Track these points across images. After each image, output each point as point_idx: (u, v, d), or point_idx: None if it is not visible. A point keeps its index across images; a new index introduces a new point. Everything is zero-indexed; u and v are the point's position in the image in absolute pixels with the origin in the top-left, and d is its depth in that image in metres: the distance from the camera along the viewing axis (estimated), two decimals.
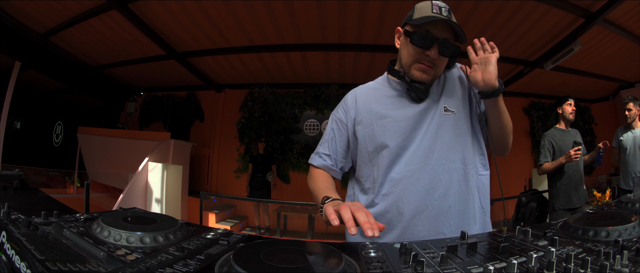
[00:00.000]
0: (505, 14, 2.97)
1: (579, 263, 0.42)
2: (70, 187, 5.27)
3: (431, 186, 0.79)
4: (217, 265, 0.40)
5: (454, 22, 0.77)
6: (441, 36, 0.77)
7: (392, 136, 0.82)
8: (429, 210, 0.78)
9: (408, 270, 0.42)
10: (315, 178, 0.90)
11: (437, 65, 0.80)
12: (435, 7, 0.77)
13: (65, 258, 0.42)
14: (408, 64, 0.82)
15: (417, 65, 0.80)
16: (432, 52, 0.77)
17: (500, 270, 0.41)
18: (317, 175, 0.91)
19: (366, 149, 0.85)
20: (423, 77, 0.80)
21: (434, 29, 0.77)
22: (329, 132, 0.93)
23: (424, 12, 0.78)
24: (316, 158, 0.93)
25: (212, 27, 3.42)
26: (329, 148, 0.91)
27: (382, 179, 0.82)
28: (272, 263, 0.38)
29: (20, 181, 0.90)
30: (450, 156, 0.81)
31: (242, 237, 0.55)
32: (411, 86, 0.82)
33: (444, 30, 0.77)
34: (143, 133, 5.17)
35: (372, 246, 0.52)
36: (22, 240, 0.46)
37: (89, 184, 2.79)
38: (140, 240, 0.49)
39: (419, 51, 0.79)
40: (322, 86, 4.86)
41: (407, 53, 0.81)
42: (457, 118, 0.83)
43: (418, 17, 0.78)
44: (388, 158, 0.81)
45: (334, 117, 0.93)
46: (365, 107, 0.87)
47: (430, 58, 0.78)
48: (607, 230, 0.54)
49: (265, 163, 4.24)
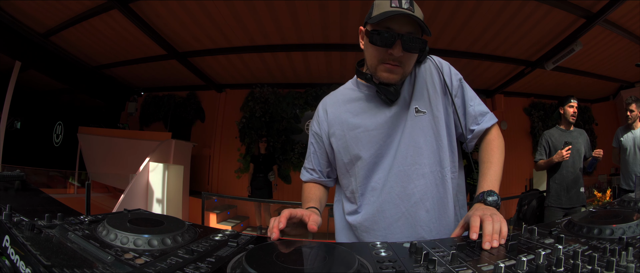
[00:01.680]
0: (507, 15, 2.97)
1: (586, 260, 0.43)
2: (71, 187, 5.26)
3: (406, 193, 0.77)
4: (229, 267, 0.40)
5: (416, 15, 0.70)
6: (404, 30, 0.71)
7: (365, 146, 0.80)
8: (406, 217, 0.77)
9: (420, 269, 0.42)
10: (304, 191, 0.92)
11: (404, 62, 0.74)
12: (394, 2, 0.70)
13: (71, 263, 0.41)
14: (373, 65, 0.76)
15: (383, 66, 0.75)
16: (396, 50, 0.71)
17: (510, 267, 0.42)
18: (305, 188, 0.93)
19: (342, 161, 0.84)
20: (391, 78, 0.75)
21: (395, 25, 0.71)
22: (309, 146, 0.94)
23: (382, 7, 0.71)
24: (304, 173, 0.95)
25: (213, 26, 3.41)
26: (312, 162, 0.92)
27: (362, 189, 0.81)
28: (285, 265, 0.38)
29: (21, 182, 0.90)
30: (425, 160, 0.78)
31: (251, 238, 0.55)
32: (380, 89, 0.78)
33: (406, 24, 0.71)
34: (144, 133, 5.16)
35: (381, 246, 0.52)
36: (27, 245, 0.45)
37: (90, 184, 2.79)
38: (148, 242, 0.49)
39: (382, 51, 0.73)
40: (323, 86, 4.85)
41: (371, 54, 0.76)
42: (429, 118, 0.79)
43: (376, 13, 0.71)
44: (364, 169, 0.80)
45: (311, 130, 0.93)
46: (335, 118, 0.84)
47: (394, 57, 0.72)
48: (612, 227, 0.55)
49: (266, 163, 4.23)
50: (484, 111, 0.83)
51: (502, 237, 0.55)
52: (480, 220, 0.59)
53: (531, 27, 3.17)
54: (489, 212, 0.61)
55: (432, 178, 0.78)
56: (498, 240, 0.54)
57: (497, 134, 0.83)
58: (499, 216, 0.60)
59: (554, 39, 3.41)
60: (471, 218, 0.60)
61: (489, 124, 0.82)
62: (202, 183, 5.10)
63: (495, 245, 0.53)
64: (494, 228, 0.56)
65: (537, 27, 3.16)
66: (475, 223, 0.59)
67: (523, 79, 4.36)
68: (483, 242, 0.53)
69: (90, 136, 5.09)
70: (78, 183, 5.20)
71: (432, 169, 0.78)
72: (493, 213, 0.61)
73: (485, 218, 0.58)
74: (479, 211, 0.62)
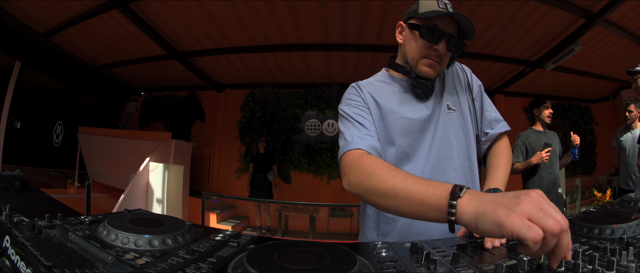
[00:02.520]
0: (507, 15, 2.97)
1: (586, 259, 0.43)
2: (71, 187, 5.26)
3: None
4: (230, 267, 0.40)
5: (462, 15, 0.74)
6: (448, 31, 0.75)
7: (402, 134, 0.79)
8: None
9: (421, 269, 0.42)
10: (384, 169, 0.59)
11: (443, 60, 0.79)
12: (441, 3, 0.75)
13: (72, 263, 0.41)
14: (415, 59, 0.79)
15: (425, 60, 0.78)
16: (441, 47, 0.75)
17: (512, 267, 0.42)
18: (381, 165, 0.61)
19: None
20: (430, 73, 0.79)
21: (442, 24, 0.75)
22: (355, 117, 0.76)
23: (430, 6, 0.76)
24: (359, 141, 0.70)
25: (214, 26, 3.41)
26: (368, 129, 0.74)
27: None
28: (286, 265, 0.38)
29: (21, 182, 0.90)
30: (457, 155, 0.81)
31: (252, 239, 0.55)
32: (417, 82, 0.80)
33: (450, 26, 0.76)
34: (144, 133, 5.16)
35: (382, 246, 0.52)
36: (27, 245, 0.45)
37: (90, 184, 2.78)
38: (148, 243, 0.49)
39: (427, 45, 0.77)
40: (323, 86, 4.85)
41: (414, 47, 0.79)
42: (459, 115, 0.84)
43: (425, 11, 0.76)
44: (396, 157, 0.80)
45: (353, 103, 0.80)
46: (371, 99, 0.82)
47: (438, 53, 0.76)
48: (612, 227, 0.56)
49: (265, 163, 4.23)
50: (499, 118, 0.90)
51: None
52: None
53: (531, 27, 3.17)
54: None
55: (462, 173, 0.81)
56: (499, 240, 0.54)
57: (507, 143, 0.90)
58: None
59: (554, 39, 3.41)
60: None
61: (502, 130, 0.88)
62: (202, 183, 5.10)
63: (496, 245, 0.53)
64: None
65: (537, 27, 3.16)
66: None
67: (523, 79, 4.36)
68: (485, 241, 0.53)
69: (90, 136, 5.09)
70: (78, 183, 5.20)
71: (462, 164, 0.81)
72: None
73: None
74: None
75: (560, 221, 0.36)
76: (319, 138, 4.95)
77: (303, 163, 4.84)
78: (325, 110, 4.92)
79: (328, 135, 4.94)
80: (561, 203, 2.41)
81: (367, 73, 0.92)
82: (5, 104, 4.01)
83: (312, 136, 4.97)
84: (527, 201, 0.38)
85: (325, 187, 4.85)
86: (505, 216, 0.38)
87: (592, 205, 3.91)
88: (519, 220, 0.37)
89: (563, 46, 3.41)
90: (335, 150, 4.82)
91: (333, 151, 4.82)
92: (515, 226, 0.37)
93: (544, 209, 0.37)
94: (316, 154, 4.84)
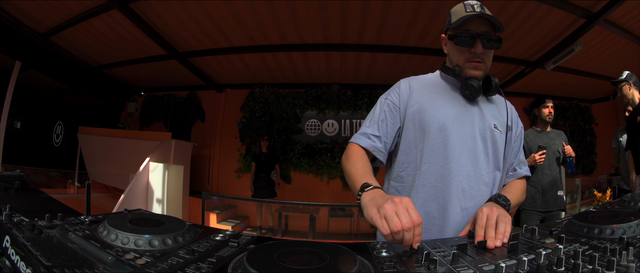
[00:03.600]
0: (507, 15, 2.97)
1: (586, 259, 0.43)
2: (71, 187, 5.25)
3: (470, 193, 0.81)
4: (230, 267, 0.40)
5: (489, 14, 0.82)
6: (481, 30, 0.82)
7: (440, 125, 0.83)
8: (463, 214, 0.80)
9: (421, 269, 0.42)
10: (355, 159, 0.82)
11: (485, 59, 0.85)
12: (468, 7, 0.83)
13: (72, 263, 0.41)
14: (460, 65, 0.87)
15: (469, 64, 0.85)
16: (478, 48, 0.82)
17: (512, 267, 0.42)
18: (356, 157, 0.83)
19: (414, 135, 0.86)
20: (476, 73, 0.86)
21: (473, 26, 0.82)
22: (378, 114, 0.89)
23: (459, 14, 0.84)
24: (363, 139, 0.87)
25: (214, 26, 3.41)
26: (379, 129, 0.88)
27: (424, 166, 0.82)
28: (286, 265, 0.38)
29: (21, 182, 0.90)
30: (491, 172, 0.84)
31: (252, 238, 0.55)
32: (466, 84, 0.86)
33: (482, 25, 0.83)
34: (144, 133, 5.16)
35: (382, 246, 0.52)
36: (27, 245, 0.45)
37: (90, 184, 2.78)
38: (148, 243, 0.49)
39: (465, 50, 0.84)
40: (323, 86, 4.85)
41: (456, 55, 0.87)
42: (502, 140, 0.87)
43: (456, 20, 0.84)
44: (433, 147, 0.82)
45: (387, 100, 0.91)
46: (418, 93, 0.89)
47: (477, 54, 0.83)
48: (612, 227, 0.56)
49: (268, 162, 4.22)
50: (525, 161, 0.97)
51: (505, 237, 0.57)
52: (487, 217, 0.61)
53: (531, 27, 3.17)
54: (498, 211, 0.63)
55: (487, 196, 0.82)
56: (501, 240, 0.55)
57: (526, 184, 0.96)
58: (507, 217, 0.62)
59: (554, 39, 3.41)
60: (479, 212, 0.64)
61: (527, 173, 0.95)
62: (202, 183, 5.10)
63: (498, 245, 0.54)
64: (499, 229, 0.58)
65: (537, 27, 3.16)
66: (481, 219, 0.62)
67: (523, 79, 4.36)
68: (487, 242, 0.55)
69: (90, 136, 5.09)
70: (78, 183, 5.20)
71: (489, 188, 0.84)
72: (502, 214, 0.63)
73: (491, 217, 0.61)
74: (488, 208, 0.65)
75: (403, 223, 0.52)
76: (319, 138, 4.94)
77: (303, 163, 4.83)
78: (325, 110, 4.92)
79: (328, 135, 4.94)
80: (561, 206, 2.36)
81: (366, 73, 0.93)
82: (5, 104, 4.01)
83: (312, 136, 4.97)
84: (388, 204, 0.55)
85: (325, 187, 4.85)
86: (370, 210, 0.58)
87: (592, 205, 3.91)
88: (376, 214, 0.56)
89: (563, 46, 3.41)
90: (335, 150, 4.82)
91: (333, 151, 4.82)
92: (372, 219, 0.57)
93: (397, 212, 0.53)
94: (316, 154, 4.84)
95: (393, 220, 0.52)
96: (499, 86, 0.88)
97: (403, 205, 0.54)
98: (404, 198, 0.56)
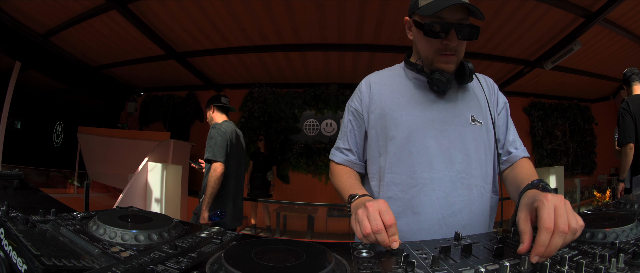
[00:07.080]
0: (505, 14, 2.96)
1: (573, 265, 0.41)
2: (71, 187, 5.27)
3: (448, 200, 0.73)
4: (208, 264, 0.40)
5: (465, 1, 0.67)
6: (455, 18, 0.68)
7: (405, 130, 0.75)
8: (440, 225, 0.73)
9: (399, 271, 0.42)
10: (339, 175, 0.82)
11: (459, 51, 0.73)
12: None
13: (60, 254, 0.42)
14: (429, 57, 0.75)
15: (441, 57, 0.73)
16: (452, 40, 0.70)
17: (492, 272, 0.41)
18: (340, 172, 0.83)
19: (377, 143, 0.79)
20: (448, 67, 0.74)
21: (446, 14, 0.68)
22: (346, 124, 0.86)
23: None
24: (337, 154, 0.86)
25: (212, 27, 3.42)
26: (349, 141, 0.85)
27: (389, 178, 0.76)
28: (262, 262, 0.39)
29: (20, 181, 0.91)
30: (473, 171, 0.74)
31: (236, 236, 0.55)
32: (432, 80, 0.75)
33: (457, 12, 0.68)
34: (143, 133, 5.17)
35: (364, 246, 0.52)
36: (20, 237, 0.46)
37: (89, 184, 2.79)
38: (134, 237, 0.50)
39: (437, 42, 0.71)
40: (321, 86, 4.86)
41: (425, 47, 0.74)
42: (484, 130, 0.77)
43: (425, 4, 0.69)
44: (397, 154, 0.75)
45: (350, 108, 0.86)
46: (379, 96, 0.80)
47: (451, 47, 0.70)
48: (604, 231, 0.53)
49: (266, 163, 4.24)
50: (520, 142, 0.84)
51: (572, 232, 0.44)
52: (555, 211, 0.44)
53: (530, 26, 3.16)
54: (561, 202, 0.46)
55: (476, 192, 0.75)
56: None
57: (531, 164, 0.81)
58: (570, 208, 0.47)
59: (553, 38, 3.40)
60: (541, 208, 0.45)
61: (526, 154, 0.82)
62: (200, 183, 5.09)
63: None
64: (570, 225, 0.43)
65: (536, 26, 3.15)
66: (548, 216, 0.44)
67: (522, 78, 4.35)
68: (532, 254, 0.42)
69: (90, 136, 5.10)
70: (78, 182, 5.22)
71: (477, 182, 0.75)
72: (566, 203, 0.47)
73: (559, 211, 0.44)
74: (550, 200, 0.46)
75: (372, 226, 0.54)
76: (317, 138, 4.95)
77: (301, 163, 4.84)
78: (323, 110, 4.93)
79: (326, 135, 4.95)
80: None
81: (364, 73, 0.90)
82: (6, 104, 4.03)
83: (311, 136, 4.98)
84: (361, 209, 0.58)
85: (324, 187, 4.85)
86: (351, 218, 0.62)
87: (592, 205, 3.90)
88: (353, 220, 0.60)
89: (562, 45, 3.40)
90: None
91: None
92: (351, 224, 0.61)
93: (368, 216, 0.55)
94: (314, 154, 4.85)
95: (363, 223, 0.55)
96: (473, 70, 0.76)
97: (374, 209, 0.55)
98: (378, 201, 0.58)
